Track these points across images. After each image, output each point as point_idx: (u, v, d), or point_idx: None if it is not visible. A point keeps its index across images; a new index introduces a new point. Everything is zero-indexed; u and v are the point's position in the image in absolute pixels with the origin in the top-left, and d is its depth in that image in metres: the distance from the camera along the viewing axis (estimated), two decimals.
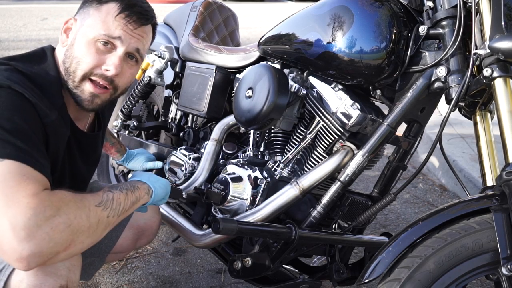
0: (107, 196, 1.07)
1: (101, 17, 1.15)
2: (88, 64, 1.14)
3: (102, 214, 1.03)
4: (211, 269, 1.98)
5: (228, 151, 1.63)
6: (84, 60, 1.14)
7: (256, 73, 1.41)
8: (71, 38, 1.18)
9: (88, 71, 1.14)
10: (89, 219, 1.00)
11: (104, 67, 1.15)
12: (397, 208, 2.60)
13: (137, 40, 1.19)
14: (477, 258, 0.99)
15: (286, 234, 1.25)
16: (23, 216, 0.89)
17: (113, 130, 2.10)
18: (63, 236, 0.94)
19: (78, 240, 0.98)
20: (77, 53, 1.15)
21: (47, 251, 0.92)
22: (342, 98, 1.30)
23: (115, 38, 1.15)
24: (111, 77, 1.16)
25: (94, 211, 1.02)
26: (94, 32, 1.14)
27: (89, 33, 1.14)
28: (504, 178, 0.98)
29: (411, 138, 1.34)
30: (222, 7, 2.18)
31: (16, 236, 0.88)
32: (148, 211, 1.51)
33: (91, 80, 1.16)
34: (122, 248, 1.53)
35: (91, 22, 1.15)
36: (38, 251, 0.90)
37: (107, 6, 1.16)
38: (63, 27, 1.19)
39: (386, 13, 1.22)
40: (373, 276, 1.02)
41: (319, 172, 1.32)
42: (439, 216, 1.03)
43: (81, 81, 1.15)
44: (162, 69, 1.95)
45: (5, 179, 0.92)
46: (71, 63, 1.15)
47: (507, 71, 1.05)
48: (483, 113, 1.24)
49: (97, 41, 1.14)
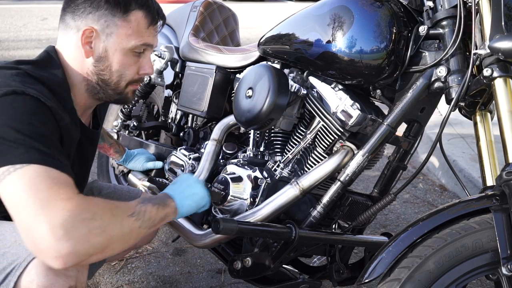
0: (139, 208, 1.11)
1: (132, 27, 1.19)
2: (131, 75, 1.23)
3: (135, 225, 1.08)
4: (211, 269, 1.99)
5: (228, 151, 1.63)
6: (127, 72, 1.22)
7: (256, 73, 1.41)
8: (99, 49, 1.18)
9: (131, 80, 1.24)
10: (122, 228, 1.04)
11: (142, 72, 1.25)
12: (397, 208, 2.60)
13: (158, 39, 1.29)
14: (477, 258, 0.99)
15: (286, 234, 1.25)
16: (60, 217, 0.92)
17: (113, 130, 2.10)
18: (99, 240, 0.98)
19: (112, 245, 1.02)
20: (116, 66, 1.20)
21: (83, 252, 0.95)
22: (342, 98, 1.30)
23: (149, 45, 1.23)
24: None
25: (127, 221, 1.06)
26: (130, 43, 1.19)
27: (126, 45, 1.19)
28: (504, 178, 0.98)
29: (411, 138, 1.34)
30: (222, 7, 2.17)
31: (54, 235, 0.91)
32: None
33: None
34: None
35: (123, 33, 1.18)
36: (75, 250, 0.93)
37: (134, 15, 1.19)
38: (82, 38, 1.17)
39: (386, 13, 1.22)
40: (373, 276, 1.02)
41: (319, 172, 1.32)
42: (439, 216, 1.03)
43: (125, 88, 1.25)
44: (162, 69, 1.95)
45: (36, 183, 0.95)
46: (110, 75, 1.21)
47: (507, 71, 1.05)
48: (483, 113, 1.24)
49: (134, 50, 1.20)
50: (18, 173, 0.95)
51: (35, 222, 0.92)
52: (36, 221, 0.92)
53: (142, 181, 1.78)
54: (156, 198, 1.20)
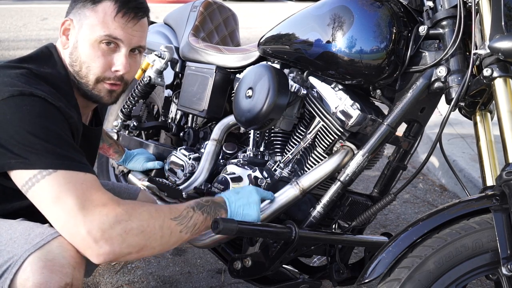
0: (186, 213, 1.13)
1: (98, 18, 1.16)
2: (99, 68, 1.18)
3: (176, 228, 1.11)
4: (211, 269, 1.99)
5: (228, 151, 1.63)
6: (93, 65, 1.17)
7: (256, 73, 1.41)
8: (72, 40, 1.19)
9: (100, 75, 1.19)
10: (162, 229, 1.08)
11: (113, 68, 1.19)
12: (397, 208, 2.60)
13: (138, 36, 1.21)
14: (477, 258, 0.99)
15: (286, 234, 1.25)
16: (97, 221, 1.00)
17: (113, 130, 2.10)
18: (136, 240, 1.04)
19: (150, 245, 1.07)
20: (84, 57, 1.17)
21: (120, 251, 1.03)
22: (342, 98, 1.30)
23: (117, 39, 1.17)
24: (121, 75, 1.20)
25: (168, 223, 1.09)
26: (95, 33, 1.15)
27: (91, 35, 1.16)
28: (504, 178, 0.98)
29: (411, 138, 1.34)
30: (222, 7, 2.18)
31: (93, 237, 1.00)
32: None
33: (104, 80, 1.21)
34: None
35: (90, 24, 1.16)
36: (112, 250, 1.01)
37: (102, 5, 1.16)
38: (61, 29, 1.20)
39: (386, 13, 1.22)
40: (373, 276, 1.02)
41: (319, 172, 1.32)
42: (439, 216, 1.03)
43: (95, 83, 1.20)
44: (162, 69, 1.95)
45: (66, 190, 1.00)
46: (80, 67, 1.18)
47: (507, 71, 1.05)
48: (483, 113, 1.24)
49: (100, 42, 1.16)
50: (47, 180, 1.00)
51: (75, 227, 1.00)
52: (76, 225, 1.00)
53: (142, 181, 1.78)
54: (210, 206, 1.20)
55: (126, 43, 1.18)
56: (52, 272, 1.01)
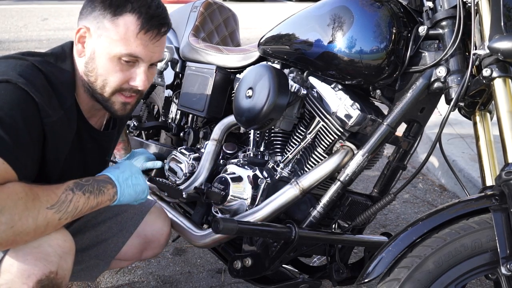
0: (65, 197, 1.06)
1: (119, 33, 1.11)
2: (116, 82, 1.15)
3: (53, 217, 1.03)
4: (211, 269, 1.99)
5: (228, 151, 1.63)
6: (110, 79, 1.15)
7: (256, 73, 1.41)
8: (89, 50, 1.15)
9: (117, 88, 1.16)
10: (37, 222, 1.00)
11: (132, 83, 1.17)
12: (397, 208, 2.60)
13: (158, 52, 1.18)
14: (476, 258, 0.99)
15: (286, 234, 1.25)
16: None
17: None
18: (3, 236, 0.95)
19: (22, 240, 0.99)
20: (101, 70, 1.14)
21: None
22: (342, 98, 1.30)
23: (138, 57, 1.14)
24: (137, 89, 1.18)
25: (43, 214, 1.01)
26: (115, 49, 1.12)
27: (110, 50, 1.12)
28: (503, 178, 0.98)
29: (410, 138, 1.34)
30: (222, 7, 2.18)
31: None
32: (158, 223, 1.51)
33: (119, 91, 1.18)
34: (127, 256, 1.51)
35: (110, 37, 1.12)
36: None
37: (124, 19, 1.11)
38: (76, 36, 1.16)
39: (386, 13, 1.22)
40: (372, 276, 1.03)
41: (319, 172, 1.33)
42: (438, 216, 1.03)
43: (111, 96, 1.17)
44: (162, 69, 1.95)
45: None
46: (96, 79, 1.16)
47: (507, 71, 1.05)
48: (482, 113, 1.24)
49: (120, 58, 1.13)
50: None
51: None
52: None
53: None
54: (92, 184, 1.13)
55: (146, 60, 1.16)
56: (36, 259, 1.02)
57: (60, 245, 1.06)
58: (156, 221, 1.51)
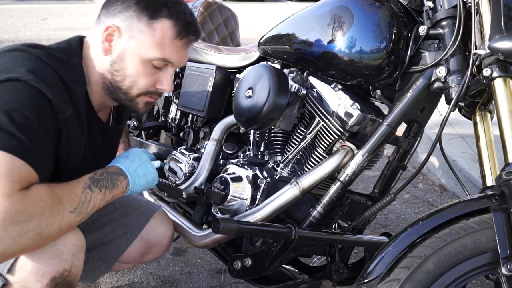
0: (84, 197, 1.06)
1: (155, 38, 1.12)
2: (145, 85, 1.17)
3: (75, 220, 1.05)
4: (211, 269, 1.99)
5: (228, 151, 1.63)
6: (140, 81, 1.16)
7: (256, 73, 1.41)
8: (118, 49, 1.15)
9: (144, 91, 1.18)
10: (61, 226, 1.01)
11: (159, 86, 1.19)
12: (397, 208, 2.60)
13: (186, 58, 1.21)
14: (476, 258, 0.99)
15: (286, 234, 1.25)
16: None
17: None
18: (30, 242, 0.95)
19: (46, 243, 1.01)
20: (130, 71, 1.15)
21: (10, 253, 0.95)
22: (342, 98, 1.30)
23: (170, 62, 1.17)
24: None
25: (67, 218, 1.02)
26: (149, 53, 1.13)
27: (143, 53, 1.13)
28: (503, 178, 0.98)
29: (411, 138, 1.34)
30: (222, 7, 2.18)
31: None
32: (161, 227, 1.51)
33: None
34: (129, 259, 1.51)
35: (145, 41, 1.13)
36: (1, 253, 0.93)
37: (161, 23, 1.12)
38: (103, 34, 1.15)
39: (386, 13, 1.22)
40: (372, 276, 1.03)
41: (319, 172, 1.32)
42: (438, 216, 1.03)
43: (136, 97, 1.19)
44: None
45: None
46: (123, 79, 1.16)
47: (507, 71, 1.05)
48: (482, 113, 1.24)
49: (152, 61, 1.14)
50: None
51: None
52: None
53: None
54: (106, 179, 1.13)
55: (176, 65, 1.19)
56: (51, 257, 1.02)
57: (73, 243, 1.06)
58: (160, 226, 1.51)
